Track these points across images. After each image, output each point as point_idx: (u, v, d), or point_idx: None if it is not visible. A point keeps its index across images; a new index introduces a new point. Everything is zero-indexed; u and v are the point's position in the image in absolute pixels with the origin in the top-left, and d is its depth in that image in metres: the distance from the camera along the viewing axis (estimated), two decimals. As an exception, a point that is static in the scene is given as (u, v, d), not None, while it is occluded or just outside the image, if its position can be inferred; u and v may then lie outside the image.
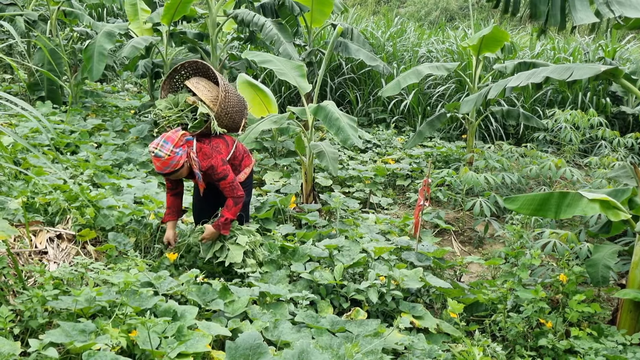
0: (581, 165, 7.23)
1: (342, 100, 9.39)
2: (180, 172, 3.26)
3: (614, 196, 3.38)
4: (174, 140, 3.17)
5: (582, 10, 3.09)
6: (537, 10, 3.18)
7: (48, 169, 4.40)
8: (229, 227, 3.40)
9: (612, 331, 3.09)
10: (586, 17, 3.07)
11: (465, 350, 2.61)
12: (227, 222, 3.37)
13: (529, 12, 3.22)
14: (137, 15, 7.38)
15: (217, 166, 3.31)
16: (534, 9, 3.18)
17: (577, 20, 3.08)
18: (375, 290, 3.10)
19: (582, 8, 3.10)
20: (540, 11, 3.17)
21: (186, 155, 3.22)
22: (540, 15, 3.17)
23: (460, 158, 6.81)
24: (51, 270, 2.89)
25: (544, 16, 3.16)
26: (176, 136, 3.19)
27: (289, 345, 2.54)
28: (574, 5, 3.11)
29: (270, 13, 6.57)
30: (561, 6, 3.13)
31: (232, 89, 3.54)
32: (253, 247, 3.43)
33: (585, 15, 3.08)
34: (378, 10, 19.24)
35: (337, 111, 4.26)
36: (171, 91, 3.61)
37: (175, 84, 3.62)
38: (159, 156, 3.12)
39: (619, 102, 8.08)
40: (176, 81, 3.61)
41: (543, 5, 3.16)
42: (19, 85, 8.46)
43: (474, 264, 4.56)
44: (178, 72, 3.59)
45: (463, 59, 8.59)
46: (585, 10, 3.09)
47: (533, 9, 3.19)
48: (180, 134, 3.22)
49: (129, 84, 10.97)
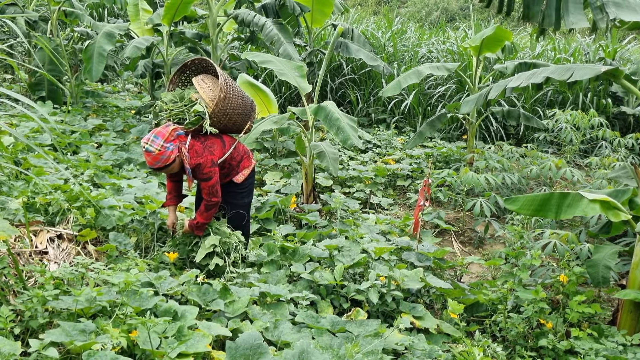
0: (581, 166, 7.23)
1: (343, 100, 9.39)
2: (172, 167, 3.26)
3: (615, 197, 3.38)
4: (164, 135, 3.16)
5: (574, 14, 3.07)
6: (529, 12, 3.17)
7: (49, 169, 4.41)
8: (202, 229, 3.41)
9: (613, 332, 3.09)
10: (577, 21, 3.06)
11: (465, 351, 2.61)
12: (200, 225, 3.39)
13: (522, 13, 3.21)
14: (139, 15, 7.39)
15: (205, 166, 3.29)
16: (527, 10, 3.17)
17: (567, 24, 3.06)
18: (375, 290, 3.10)
19: (574, 11, 3.08)
20: (534, 12, 3.15)
21: (177, 150, 3.21)
22: (533, 16, 3.16)
23: (461, 158, 6.81)
24: (52, 270, 2.89)
25: (537, 17, 3.14)
26: (167, 131, 3.18)
27: (289, 345, 2.54)
28: (567, 7, 3.09)
29: (272, 13, 6.58)
30: (556, 7, 3.12)
31: (238, 90, 3.52)
32: (225, 248, 3.42)
33: (576, 19, 3.06)
34: (378, 11, 19.24)
35: (337, 111, 4.26)
36: (180, 86, 3.62)
37: (184, 80, 3.63)
38: (150, 151, 3.12)
39: (620, 102, 8.08)
40: (186, 77, 3.63)
41: (536, 5, 3.15)
42: (19, 86, 8.46)
43: (475, 265, 4.56)
44: (189, 68, 3.60)
45: (463, 60, 8.59)
46: (577, 13, 3.07)
47: (526, 10, 3.18)
48: (171, 128, 3.21)
49: (130, 84, 10.98)
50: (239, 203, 3.61)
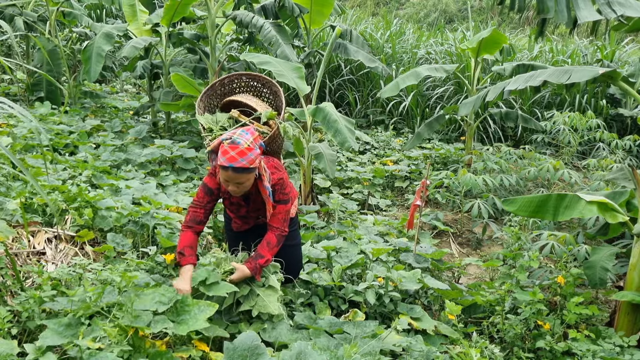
0: (579, 168, 7.24)
1: (341, 101, 9.40)
2: (248, 179, 2.58)
3: (612, 198, 3.38)
4: (253, 134, 2.60)
5: (585, 9, 3.11)
6: (544, 6, 3.18)
7: (48, 170, 4.40)
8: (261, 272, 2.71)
9: (610, 333, 3.09)
10: (590, 15, 3.09)
11: (463, 352, 2.61)
12: (265, 265, 2.69)
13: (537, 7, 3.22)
14: (136, 16, 7.38)
15: (286, 184, 2.76)
16: (541, 5, 3.19)
17: (581, 18, 3.09)
18: (373, 291, 3.10)
19: (585, 7, 3.11)
20: (548, 7, 3.17)
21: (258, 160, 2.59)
22: (547, 11, 3.17)
23: (459, 160, 6.82)
24: (49, 271, 2.89)
25: (551, 11, 3.16)
26: (254, 132, 2.64)
27: (287, 346, 2.54)
28: (577, 3, 3.12)
29: (271, 14, 6.58)
30: (566, 3, 3.14)
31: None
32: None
33: (588, 14, 3.09)
34: (377, 12, 19.26)
35: (335, 113, 4.27)
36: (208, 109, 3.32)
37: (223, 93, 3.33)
38: (238, 143, 2.49)
39: (617, 104, 8.10)
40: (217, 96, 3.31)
41: (550, 1, 3.17)
42: (17, 86, 8.45)
43: (472, 266, 4.57)
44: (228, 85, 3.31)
45: (462, 61, 8.61)
46: (588, 8, 3.11)
47: (540, 5, 3.19)
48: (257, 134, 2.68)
49: (128, 84, 10.97)
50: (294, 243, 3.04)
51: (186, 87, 6.09)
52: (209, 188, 2.76)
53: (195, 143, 6.71)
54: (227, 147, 2.50)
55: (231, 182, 2.57)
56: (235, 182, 2.57)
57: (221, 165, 2.53)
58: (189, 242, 2.69)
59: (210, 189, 2.76)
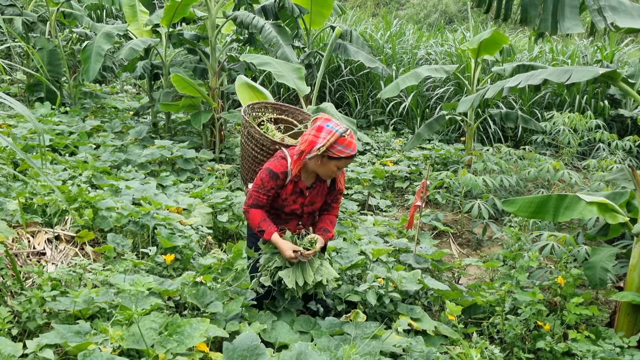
0: (579, 168, 7.24)
1: (341, 102, 9.40)
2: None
3: (612, 199, 3.38)
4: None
5: (570, 19, 3.09)
6: (527, 15, 3.18)
7: (48, 170, 4.40)
8: None
9: (610, 334, 3.09)
10: (572, 27, 3.07)
11: (463, 353, 2.61)
12: (331, 239, 3.08)
13: (520, 17, 3.21)
14: (136, 16, 7.38)
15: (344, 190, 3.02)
16: (525, 14, 3.18)
17: (563, 29, 3.08)
18: (373, 292, 3.10)
19: (571, 16, 3.09)
20: (531, 16, 3.16)
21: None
22: (530, 20, 3.17)
23: (459, 160, 6.82)
24: (49, 271, 2.89)
25: (534, 21, 3.16)
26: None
27: (286, 347, 2.54)
28: (563, 12, 3.10)
29: (271, 15, 6.58)
30: (552, 11, 3.13)
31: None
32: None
33: (571, 24, 3.08)
34: (377, 13, 19.27)
35: (336, 113, 4.27)
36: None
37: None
38: (343, 135, 2.59)
39: (617, 104, 8.11)
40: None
41: (534, 10, 3.16)
42: (17, 86, 8.45)
43: (472, 266, 4.56)
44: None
45: (462, 62, 8.61)
46: (573, 18, 3.08)
47: (524, 14, 3.19)
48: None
49: (128, 85, 10.98)
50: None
51: (186, 88, 6.09)
52: (274, 172, 2.74)
53: (195, 143, 6.71)
54: (349, 138, 2.60)
55: (344, 167, 2.75)
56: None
57: (350, 156, 2.62)
58: (261, 216, 2.78)
59: (276, 173, 2.74)
